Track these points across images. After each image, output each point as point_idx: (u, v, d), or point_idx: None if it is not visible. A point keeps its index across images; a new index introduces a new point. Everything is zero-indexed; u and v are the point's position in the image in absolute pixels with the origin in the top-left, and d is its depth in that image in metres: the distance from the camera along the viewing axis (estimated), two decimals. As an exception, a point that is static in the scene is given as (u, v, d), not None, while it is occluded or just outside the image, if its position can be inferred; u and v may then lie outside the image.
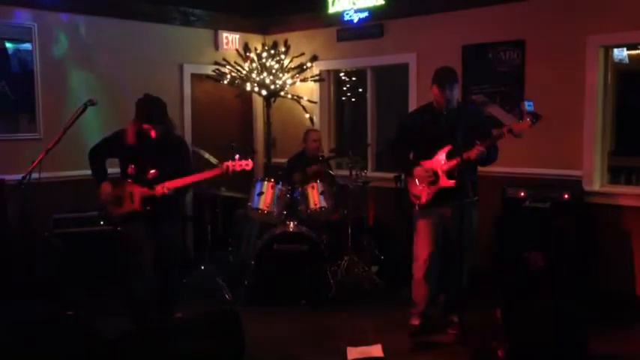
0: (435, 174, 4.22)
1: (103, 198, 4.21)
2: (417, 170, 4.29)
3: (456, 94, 4.27)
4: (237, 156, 4.18)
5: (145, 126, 4.07)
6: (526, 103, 4.01)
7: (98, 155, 4.31)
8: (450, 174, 4.18)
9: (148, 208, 4.11)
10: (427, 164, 4.27)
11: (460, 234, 4.05)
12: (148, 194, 4.11)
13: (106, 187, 4.21)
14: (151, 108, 4.12)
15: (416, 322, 4.43)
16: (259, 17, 7.22)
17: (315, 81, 6.75)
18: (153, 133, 4.09)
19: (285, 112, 7.03)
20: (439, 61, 5.02)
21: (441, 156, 4.21)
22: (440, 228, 4.33)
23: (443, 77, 4.23)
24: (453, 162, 4.11)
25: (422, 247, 4.36)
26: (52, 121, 5.51)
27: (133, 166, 4.16)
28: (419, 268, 4.39)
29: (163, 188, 4.07)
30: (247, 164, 4.20)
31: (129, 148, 4.16)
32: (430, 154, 4.28)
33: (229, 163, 4.16)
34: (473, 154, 4.03)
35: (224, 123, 7.00)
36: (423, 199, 4.32)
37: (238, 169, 4.19)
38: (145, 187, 4.12)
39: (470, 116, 4.32)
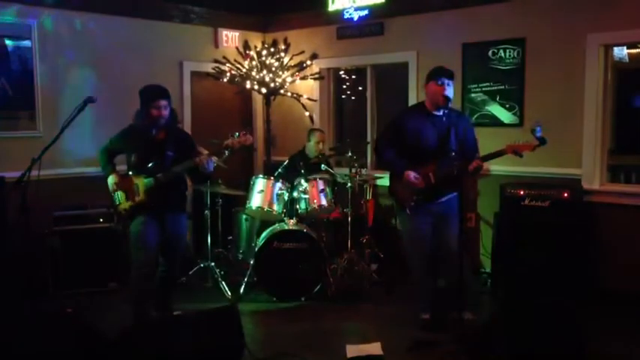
0: (427, 179, 4.23)
1: (111, 188, 4.27)
2: (408, 175, 4.25)
3: (452, 91, 4.27)
4: (237, 133, 4.24)
5: (154, 104, 4.12)
6: (537, 128, 4.03)
7: (108, 152, 4.39)
8: (444, 179, 4.18)
9: (154, 200, 4.15)
10: (419, 170, 4.25)
11: (446, 230, 4.09)
12: (152, 184, 4.15)
13: (114, 178, 4.28)
14: (157, 87, 4.25)
15: (427, 316, 4.46)
16: (259, 15, 7.22)
17: (314, 79, 6.75)
18: (162, 112, 4.14)
19: (285, 110, 7.03)
20: (439, 60, 5.03)
21: (432, 163, 4.22)
22: (431, 225, 4.35)
23: (439, 72, 4.23)
24: (450, 171, 4.12)
25: (419, 245, 4.39)
26: (52, 119, 5.51)
27: (136, 155, 4.21)
28: (416, 267, 4.43)
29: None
30: (246, 140, 4.25)
31: (137, 140, 4.20)
32: (423, 158, 4.26)
33: (229, 142, 4.22)
34: (471, 167, 4.08)
35: (224, 121, 6.99)
36: (412, 202, 4.32)
37: (237, 145, 4.23)
38: (150, 177, 4.16)
39: (459, 121, 4.29)
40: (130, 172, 4.29)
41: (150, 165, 4.20)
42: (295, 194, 5.42)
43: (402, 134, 4.35)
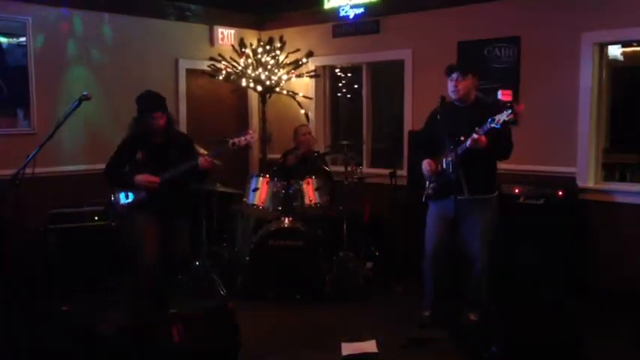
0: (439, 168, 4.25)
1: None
2: (424, 163, 4.34)
3: (467, 86, 4.23)
4: (250, 131, 4.35)
5: (154, 115, 4.17)
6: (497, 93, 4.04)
7: (116, 168, 4.35)
8: (452, 170, 4.17)
9: (156, 199, 4.16)
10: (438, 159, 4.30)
11: (465, 232, 4.08)
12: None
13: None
14: (153, 98, 4.26)
15: (427, 313, 4.47)
16: (255, 13, 7.21)
17: (310, 77, 6.75)
18: (162, 122, 4.19)
19: (281, 108, 7.02)
20: (435, 58, 5.04)
21: (446, 151, 4.21)
22: (445, 223, 4.32)
23: (448, 69, 4.28)
24: (452, 157, 4.12)
25: (428, 240, 4.44)
26: (47, 116, 5.49)
27: (141, 153, 4.21)
28: (425, 260, 4.45)
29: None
30: (252, 137, 4.34)
31: (137, 148, 4.25)
32: (440, 149, 4.28)
33: (235, 140, 4.25)
34: (469, 142, 3.97)
35: (219, 119, 6.99)
36: (430, 192, 4.38)
37: (243, 144, 4.31)
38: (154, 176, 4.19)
39: (483, 110, 4.15)
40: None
41: (154, 167, 4.21)
42: (291, 192, 5.42)
43: (429, 129, 4.46)
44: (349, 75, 7.18)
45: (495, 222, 4.37)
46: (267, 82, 6.49)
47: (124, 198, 4.33)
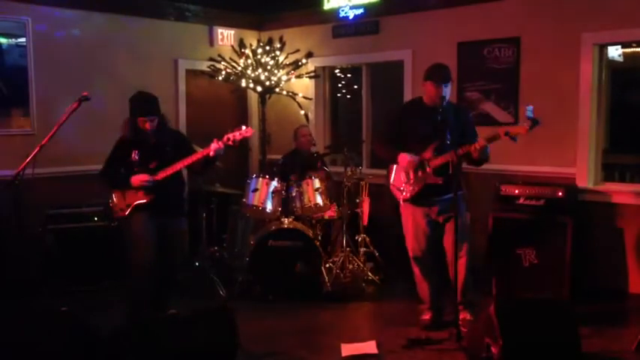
0: (422, 165, 4.22)
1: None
2: (403, 156, 4.24)
3: (449, 91, 4.27)
4: (243, 126, 4.26)
5: (140, 119, 4.13)
6: (527, 108, 4.01)
7: (109, 170, 4.33)
8: (438, 170, 4.18)
9: (152, 197, 4.14)
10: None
11: (453, 229, 4.07)
12: (155, 183, 4.17)
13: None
14: (146, 101, 4.22)
15: (426, 316, 4.46)
16: (254, 13, 7.22)
17: (310, 77, 6.75)
18: (147, 125, 4.15)
19: (280, 108, 7.02)
20: (434, 58, 5.02)
21: (429, 152, 4.21)
22: (430, 224, 4.33)
23: (439, 74, 4.21)
24: (446, 157, 4.11)
25: (414, 244, 4.39)
26: (46, 117, 5.49)
27: (136, 153, 4.19)
28: (415, 265, 4.43)
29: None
30: (247, 131, 4.24)
31: (132, 148, 4.22)
32: (418, 150, 4.27)
33: (229, 135, 4.20)
34: (477, 146, 3.99)
35: (219, 119, 6.98)
36: (407, 195, 4.32)
37: (239, 138, 4.22)
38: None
39: (458, 115, 4.31)
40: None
41: (146, 166, 4.20)
42: (291, 193, 5.41)
43: (400, 128, 4.38)
44: (349, 75, 7.18)
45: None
46: (267, 83, 6.48)
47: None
